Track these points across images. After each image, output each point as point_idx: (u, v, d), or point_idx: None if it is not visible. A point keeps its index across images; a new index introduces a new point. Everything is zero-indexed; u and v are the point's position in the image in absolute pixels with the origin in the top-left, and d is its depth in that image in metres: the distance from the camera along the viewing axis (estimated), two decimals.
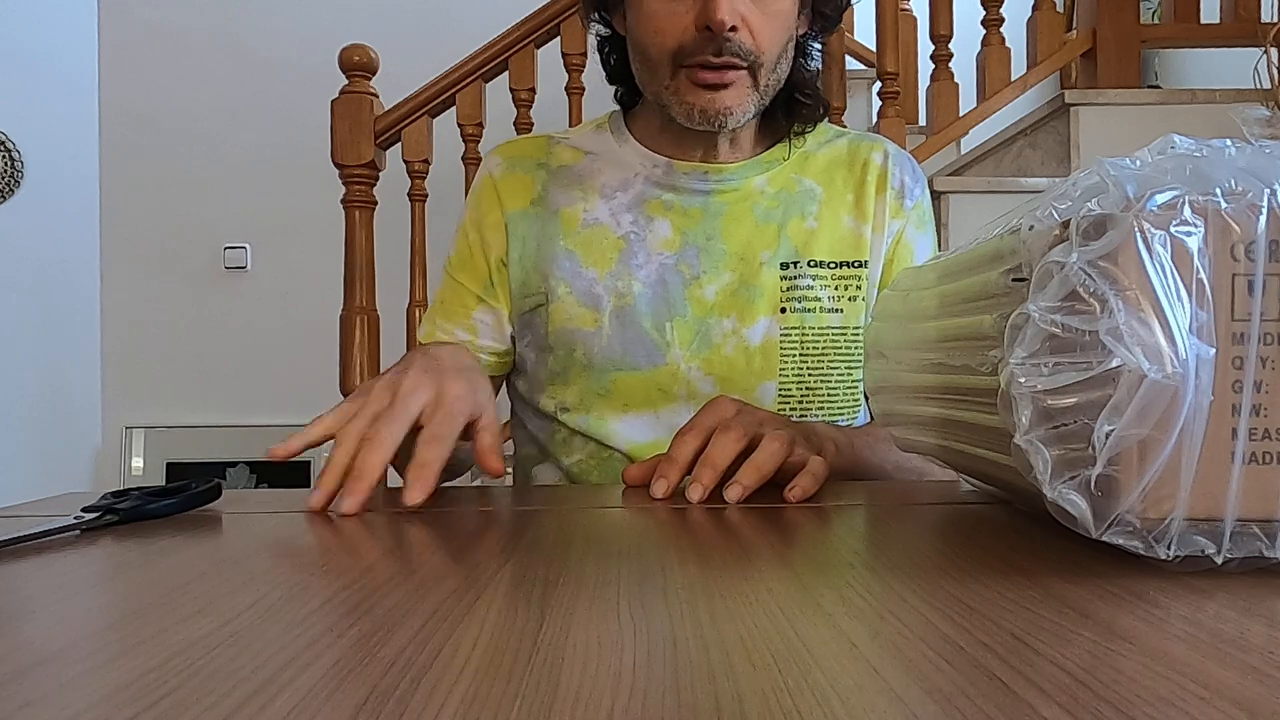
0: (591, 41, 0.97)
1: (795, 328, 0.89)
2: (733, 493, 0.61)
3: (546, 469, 0.94)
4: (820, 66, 0.95)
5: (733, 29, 0.79)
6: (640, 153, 0.92)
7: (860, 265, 0.90)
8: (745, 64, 0.81)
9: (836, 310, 0.90)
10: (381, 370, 0.94)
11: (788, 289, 0.89)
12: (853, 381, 0.91)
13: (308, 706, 0.26)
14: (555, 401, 0.91)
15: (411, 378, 0.64)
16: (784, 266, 0.89)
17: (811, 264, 0.89)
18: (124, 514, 0.57)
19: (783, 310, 0.89)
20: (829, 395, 0.90)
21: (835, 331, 0.90)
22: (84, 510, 0.56)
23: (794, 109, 0.91)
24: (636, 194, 0.91)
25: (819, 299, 0.89)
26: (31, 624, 0.36)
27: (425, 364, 0.67)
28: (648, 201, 0.91)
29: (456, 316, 0.94)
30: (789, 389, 0.89)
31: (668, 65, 0.82)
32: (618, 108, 0.98)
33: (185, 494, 0.60)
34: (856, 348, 0.90)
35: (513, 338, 0.95)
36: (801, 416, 0.88)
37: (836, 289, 0.90)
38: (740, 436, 0.64)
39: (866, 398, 0.95)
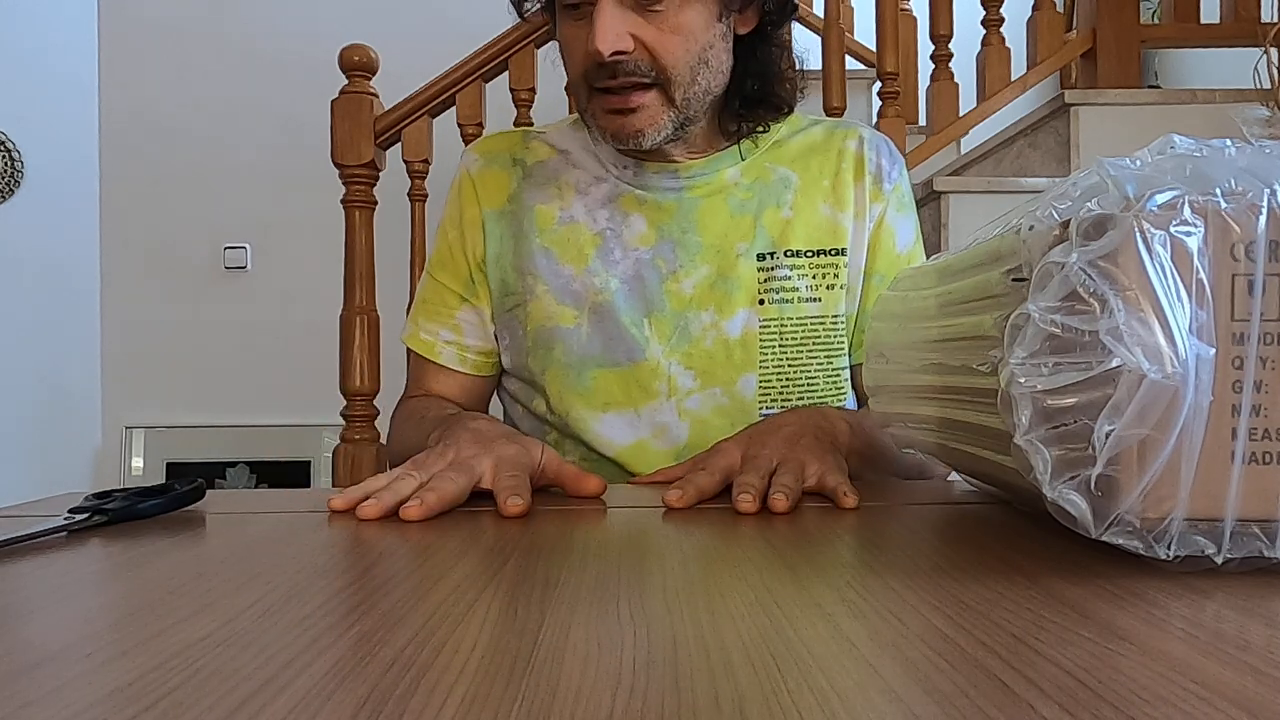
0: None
1: (774, 319, 0.88)
2: (779, 502, 0.58)
3: None
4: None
5: (620, 53, 0.77)
6: (611, 152, 0.91)
7: (838, 253, 0.90)
8: (649, 82, 0.79)
9: (814, 299, 0.89)
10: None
11: (765, 280, 0.88)
12: (834, 370, 0.90)
13: (308, 706, 0.26)
14: (539, 402, 0.91)
15: (466, 446, 0.66)
16: (760, 258, 0.89)
17: (788, 254, 0.89)
18: (113, 514, 0.57)
19: (761, 302, 0.88)
20: (809, 385, 0.89)
21: (814, 321, 0.89)
22: (71, 511, 0.56)
23: (748, 107, 0.89)
24: (610, 190, 0.91)
25: (796, 289, 0.89)
26: (31, 624, 0.36)
27: (473, 435, 0.68)
28: (622, 197, 0.90)
29: (440, 317, 0.94)
30: (769, 380, 0.88)
31: (582, 89, 0.82)
32: None
33: (170, 494, 0.61)
34: (837, 336, 0.90)
35: (496, 337, 0.94)
36: (783, 406, 0.88)
37: (814, 278, 0.89)
38: (762, 476, 0.62)
39: (853, 386, 0.94)
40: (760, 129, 0.91)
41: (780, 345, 0.89)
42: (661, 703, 0.26)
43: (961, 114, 2.22)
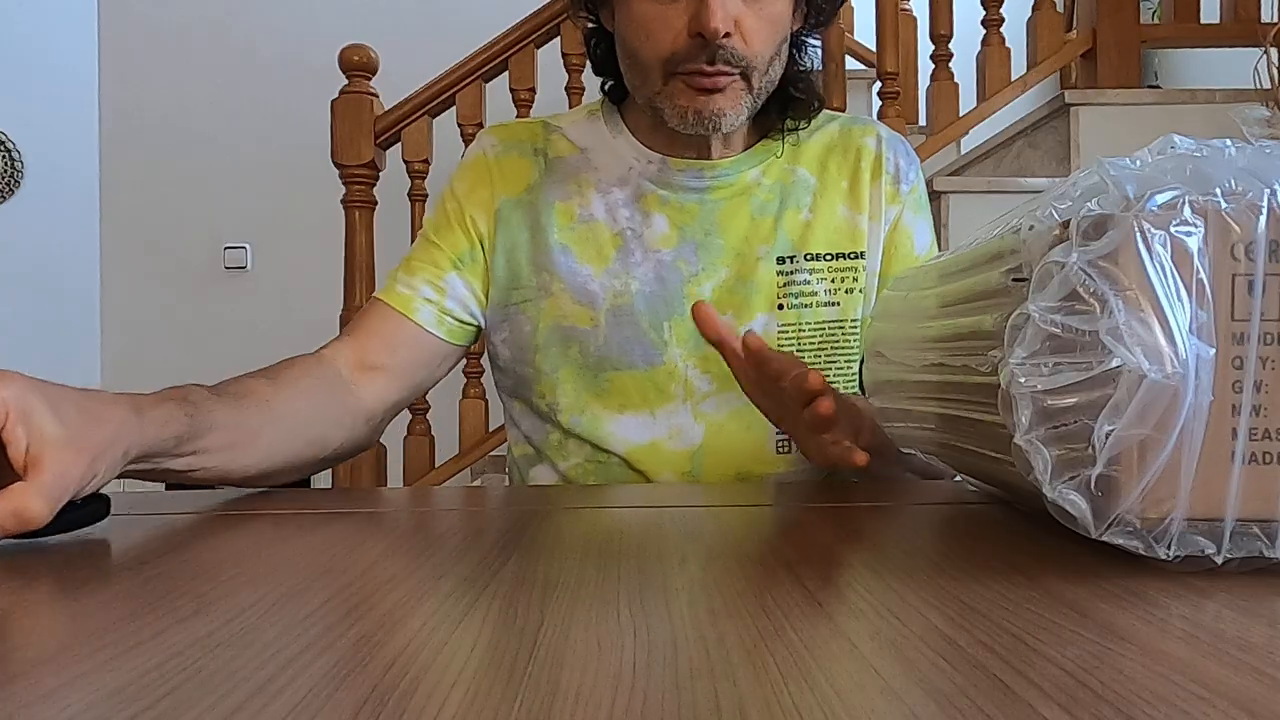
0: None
1: (793, 324, 0.88)
2: (861, 456, 0.63)
3: (543, 470, 0.92)
4: (817, 63, 0.93)
5: (726, 35, 0.77)
6: (635, 147, 0.90)
7: (857, 256, 0.89)
8: (738, 70, 0.79)
9: (833, 304, 0.89)
10: None
11: (784, 284, 0.88)
12: (850, 375, 0.89)
13: (308, 706, 0.26)
14: (546, 401, 0.90)
15: None
16: (780, 261, 0.88)
17: (808, 257, 0.88)
18: None
19: (780, 306, 0.88)
20: None
21: (832, 325, 0.88)
22: None
23: (787, 104, 0.89)
24: (633, 190, 0.89)
25: (815, 293, 0.88)
26: (31, 624, 0.36)
27: None
28: (644, 197, 0.89)
29: (424, 273, 0.89)
30: None
31: (659, 71, 0.81)
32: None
33: (67, 514, 0.50)
34: (854, 340, 0.89)
35: (488, 323, 0.92)
36: None
37: (833, 282, 0.89)
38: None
39: (863, 390, 0.94)
40: (800, 125, 0.91)
41: (798, 350, 0.88)
42: (661, 703, 0.26)
43: (961, 114, 2.22)
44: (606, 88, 0.94)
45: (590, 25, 0.91)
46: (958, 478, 0.74)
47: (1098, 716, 0.24)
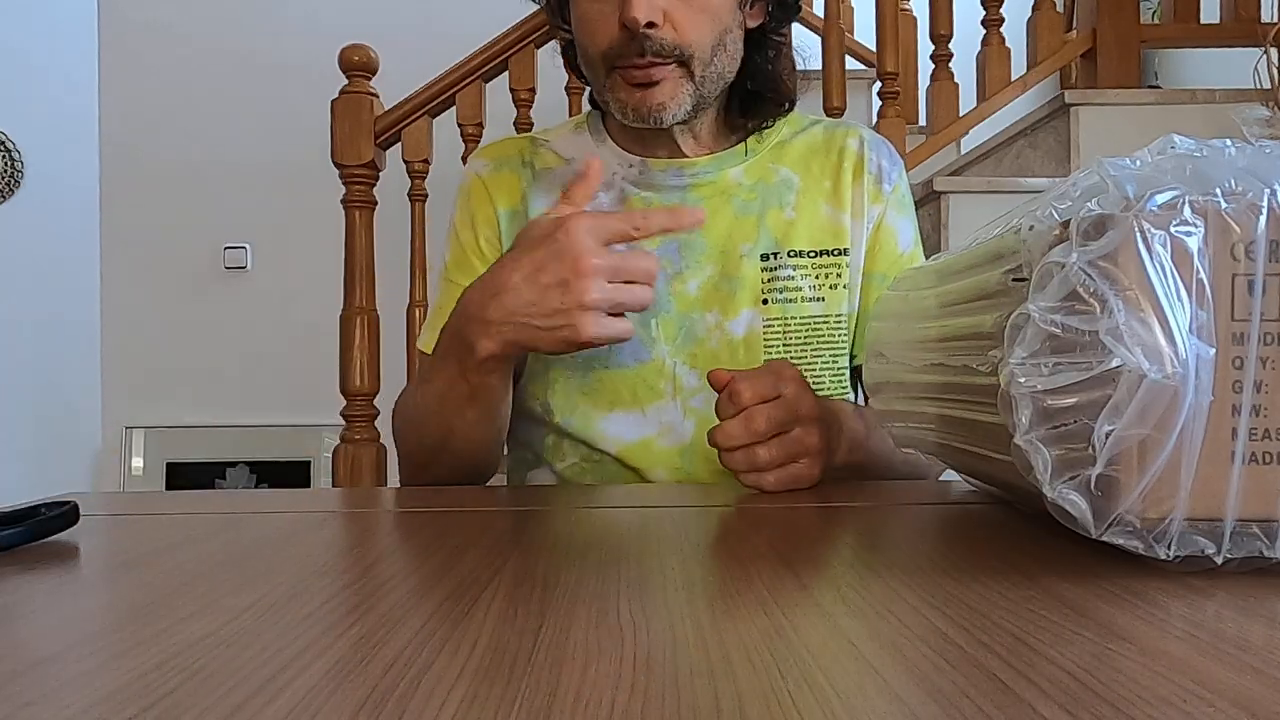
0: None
1: (778, 318, 0.89)
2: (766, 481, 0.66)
3: (541, 473, 0.93)
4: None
5: (650, 25, 0.78)
6: (617, 153, 0.93)
7: (841, 253, 0.91)
8: (672, 60, 0.81)
9: (818, 299, 0.90)
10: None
11: (769, 280, 0.89)
12: (838, 370, 0.91)
13: (308, 706, 0.26)
14: (539, 402, 0.91)
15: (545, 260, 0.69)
16: (764, 258, 0.89)
17: (791, 254, 0.90)
18: None
19: (764, 302, 0.89)
20: (814, 384, 0.89)
21: (818, 320, 0.90)
22: None
23: (752, 103, 0.91)
24: (617, 194, 0.91)
25: (800, 289, 0.89)
26: (31, 624, 0.36)
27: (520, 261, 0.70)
28: (628, 200, 0.91)
29: None
30: None
31: (601, 66, 0.83)
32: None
33: (35, 520, 0.50)
34: (840, 335, 0.90)
35: None
36: None
37: (817, 278, 0.90)
38: (768, 427, 0.67)
39: (857, 386, 0.95)
40: (766, 124, 0.92)
41: (784, 345, 0.89)
42: (661, 703, 0.26)
43: (961, 114, 2.22)
44: (590, 95, 0.96)
45: (569, 38, 0.93)
46: (953, 476, 0.74)
47: (1098, 716, 0.24)
